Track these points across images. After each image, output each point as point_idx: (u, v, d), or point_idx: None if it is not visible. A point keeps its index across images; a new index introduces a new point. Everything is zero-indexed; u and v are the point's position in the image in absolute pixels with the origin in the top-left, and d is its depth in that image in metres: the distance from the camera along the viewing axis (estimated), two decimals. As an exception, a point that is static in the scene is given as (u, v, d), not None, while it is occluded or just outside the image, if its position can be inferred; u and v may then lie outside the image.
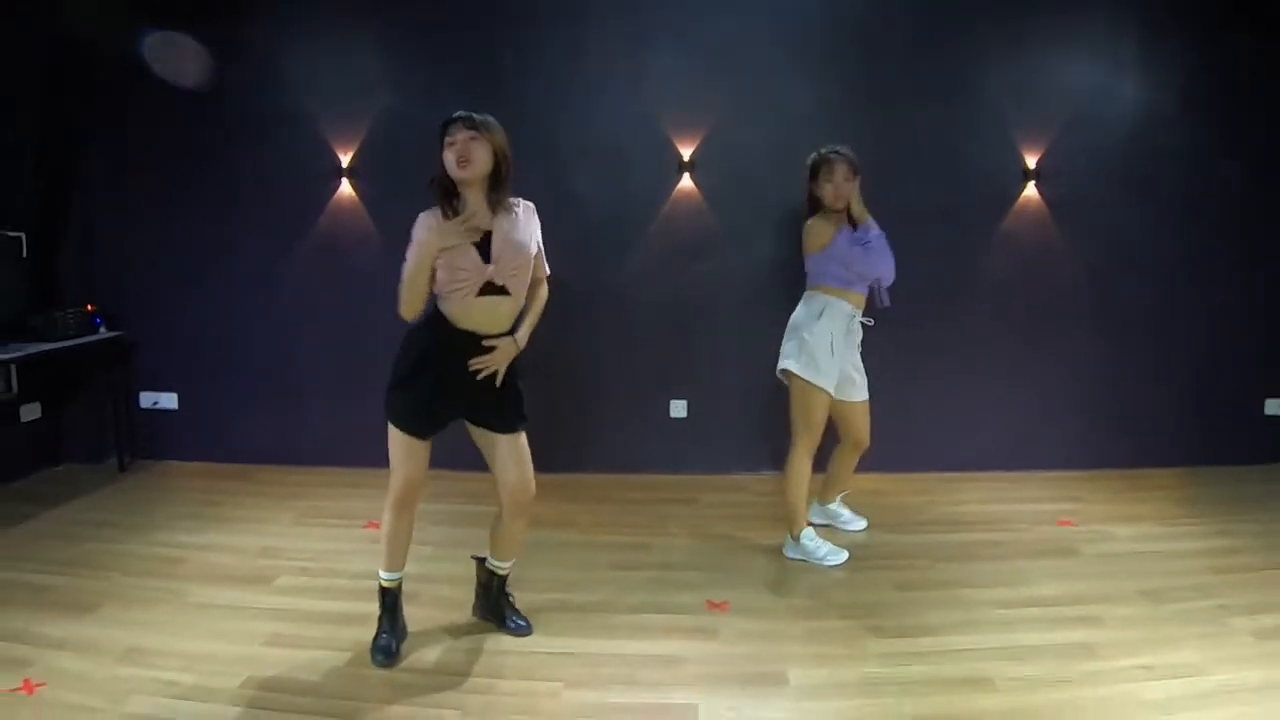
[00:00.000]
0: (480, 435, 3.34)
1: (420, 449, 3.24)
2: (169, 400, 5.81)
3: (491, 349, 3.20)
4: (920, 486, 5.25)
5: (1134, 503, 5.05)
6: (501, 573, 3.56)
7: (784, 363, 4.20)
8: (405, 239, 3.21)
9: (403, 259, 3.15)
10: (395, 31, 5.40)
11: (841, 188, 4.11)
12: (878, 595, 3.90)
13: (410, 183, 5.14)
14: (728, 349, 5.49)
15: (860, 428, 4.40)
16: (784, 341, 4.24)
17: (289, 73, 5.44)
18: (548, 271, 3.43)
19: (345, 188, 5.48)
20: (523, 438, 3.33)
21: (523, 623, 3.55)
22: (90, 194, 5.63)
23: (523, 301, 3.30)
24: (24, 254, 5.30)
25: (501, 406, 3.28)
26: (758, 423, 5.48)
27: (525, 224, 3.23)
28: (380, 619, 3.41)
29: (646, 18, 5.32)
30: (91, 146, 5.58)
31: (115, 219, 5.63)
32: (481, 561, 3.61)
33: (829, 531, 4.56)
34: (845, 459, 4.55)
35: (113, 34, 5.26)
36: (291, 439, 5.70)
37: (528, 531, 3.50)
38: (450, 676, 3.23)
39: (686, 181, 5.41)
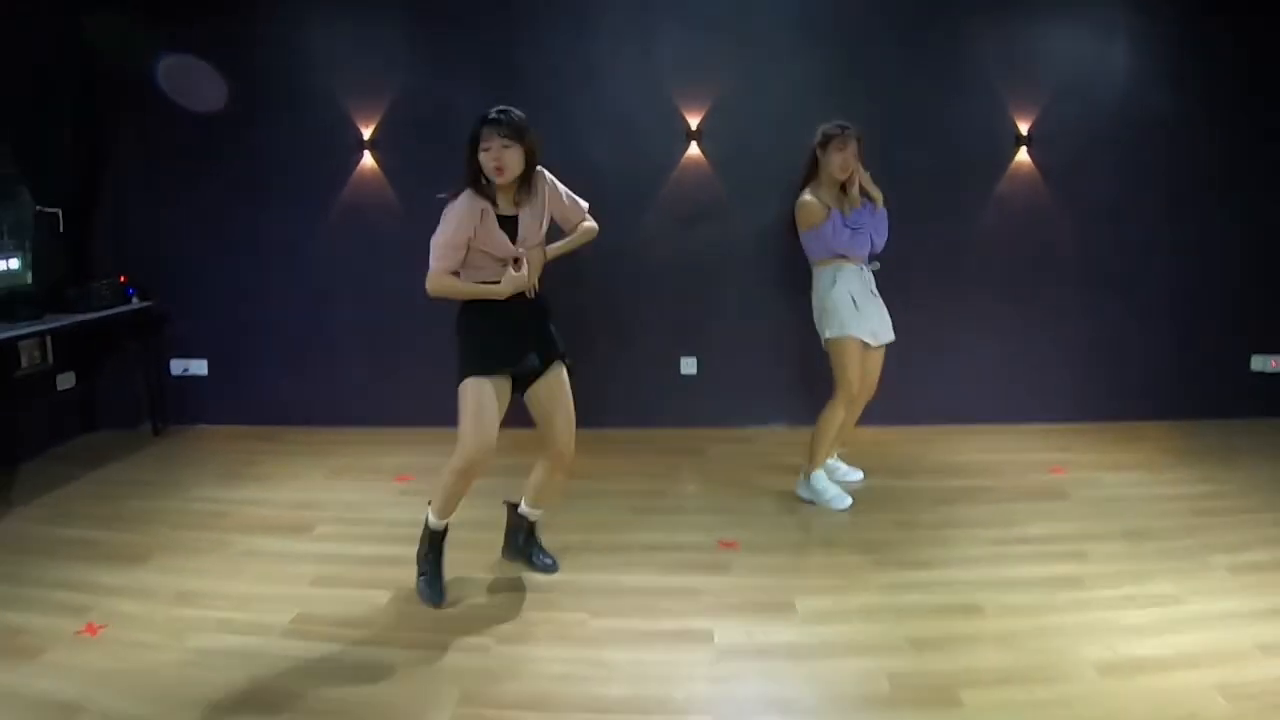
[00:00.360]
0: (532, 392, 3.49)
1: (492, 410, 3.30)
2: (199, 367, 5.98)
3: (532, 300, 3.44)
4: (920, 437, 5.47)
5: (1123, 453, 5.24)
6: (533, 518, 3.79)
7: (823, 337, 4.42)
8: (424, 207, 3.40)
9: (423, 228, 3.35)
10: (413, 8, 5.54)
11: (850, 161, 4.26)
12: (879, 534, 4.12)
13: (428, 154, 5.39)
14: (734, 309, 5.68)
15: (872, 376, 4.53)
16: (816, 323, 4.45)
17: (311, 49, 5.60)
18: (585, 208, 3.60)
19: (367, 159, 5.63)
20: (568, 383, 3.53)
21: (549, 560, 3.78)
22: (122, 171, 5.77)
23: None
24: (61, 229, 5.46)
25: (548, 341, 3.50)
26: (764, 378, 5.71)
27: (541, 200, 3.41)
28: (430, 561, 3.54)
29: (657, -9, 5.43)
30: (123, 126, 5.72)
31: (146, 194, 5.77)
32: (514, 507, 3.82)
33: (859, 486, 4.76)
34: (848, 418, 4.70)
35: (132, 45, 5.47)
36: (319, 401, 5.87)
37: (567, 482, 3.72)
38: (485, 608, 3.46)
39: (694, 149, 5.57)
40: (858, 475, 4.83)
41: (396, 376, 5.72)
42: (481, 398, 3.29)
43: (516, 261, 3.35)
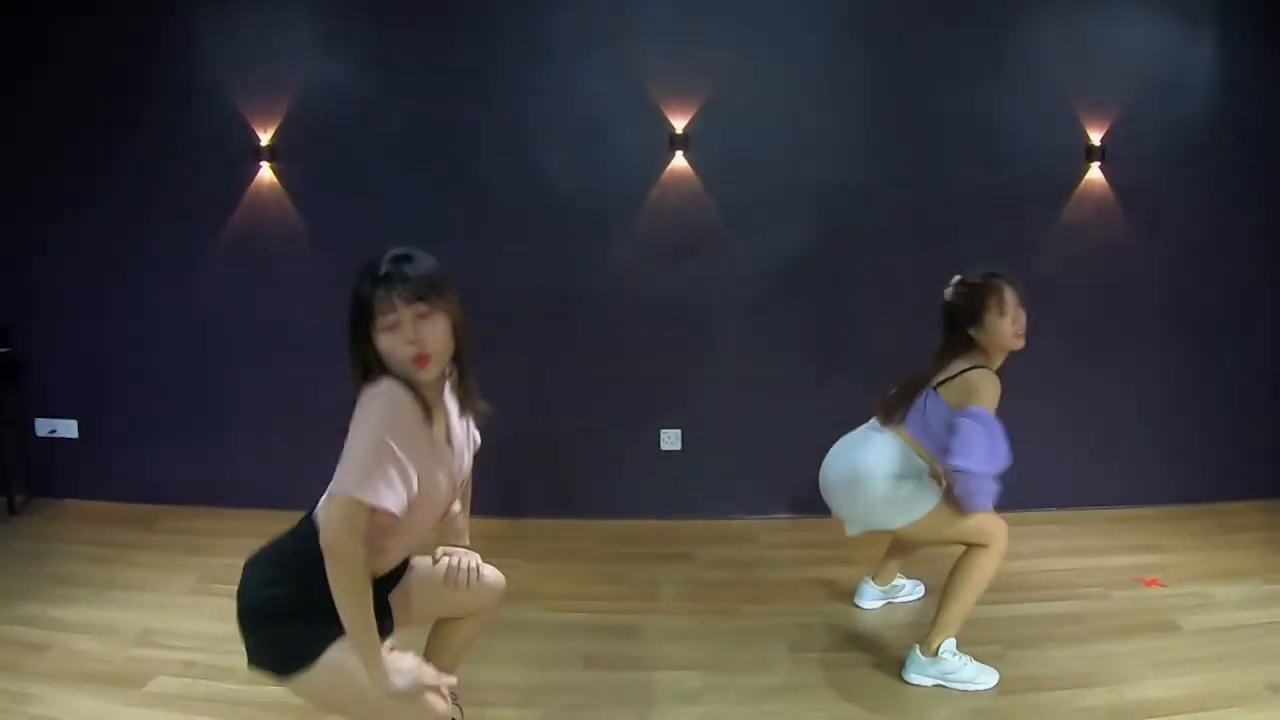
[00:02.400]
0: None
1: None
2: (68, 428, 5.20)
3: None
4: None
5: (1226, 549, 4.41)
6: None
7: (911, 520, 3.31)
8: (336, 231, 2.41)
9: (335, 261, 2.40)
10: None
11: (1019, 321, 3.29)
12: (946, 707, 3.04)
13: (342, 166, 4.69)
14: (730, 366, 4.95)
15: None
16: (884, 511, 3.33)
17: (197, 36, 4.88)
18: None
19: (265, 172, 4.86)
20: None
21: None
22: None
23: None
24: None
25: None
26: (765, 457, 4.91)
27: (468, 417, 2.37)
28: None
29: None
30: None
31: (3, 217, 5.08)
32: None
33: (887, 609, 3.83)
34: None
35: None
36: (208, 475, 5.11)
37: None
38: None
39: (679, 160, 4.79)
40: (920, 591, 3.92)
41: (298, 450, 4.71)
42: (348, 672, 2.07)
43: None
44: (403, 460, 1.97)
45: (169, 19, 4.82)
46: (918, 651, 3.19)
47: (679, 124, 4.73)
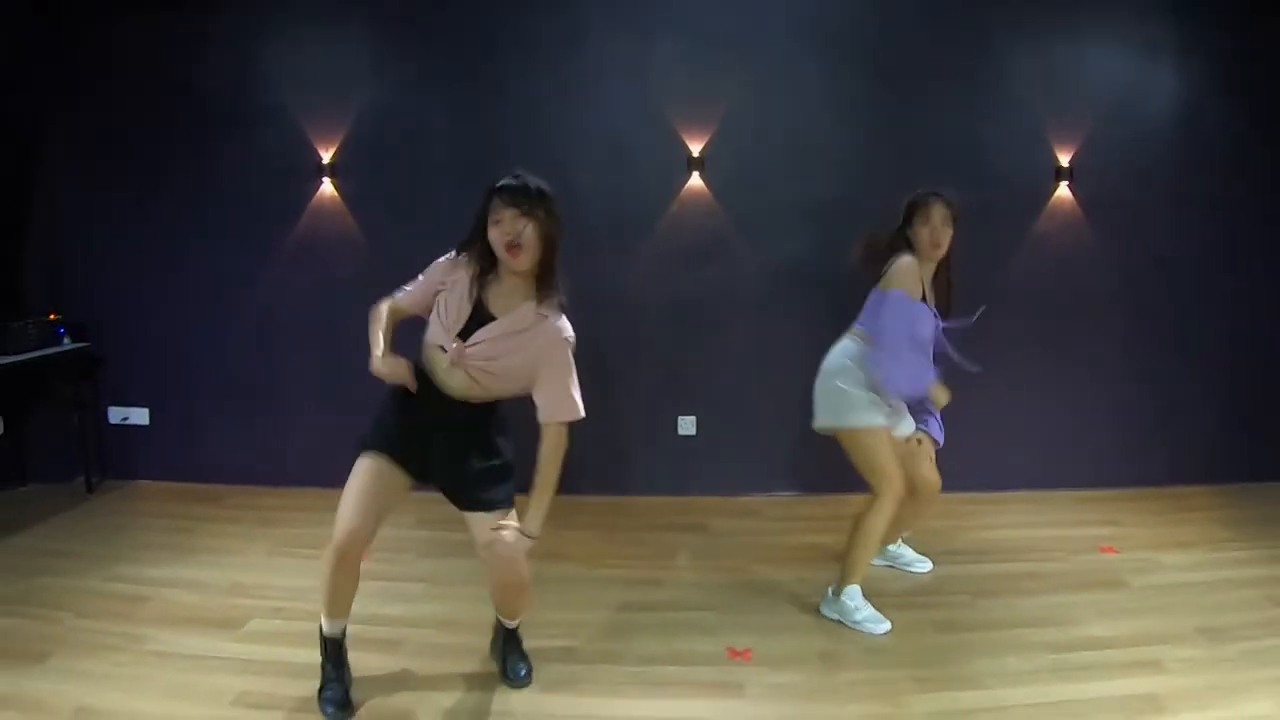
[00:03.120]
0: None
1: (374, 490, 2.88)
2: (139, 416, 5.45)
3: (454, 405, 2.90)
4: (945, 509, 4.74)
5: (1177, 525, 4.75)
6: (508, 625, 3.22)
7: (838, 426, 3.65)
8: (390, 241, 2.85)
9: (390, 265, 2.93)
10: (381, 18, 5.08)
11: (939, 232, 3.62)
12: (917, 639, 3.52)
13: (395, 181, 5.04)
14: (741, 360, 5.18)
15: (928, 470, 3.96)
16: (822, 407, 3.69)
17: (267, 64, 5.12)
18: (575, 415, 2.88)
19: (326, 187, 5.13)
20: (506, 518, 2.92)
21: (521, 671, 3.16)
22: (54, 195, 5.27)
23: (492, 395, 2.92)
24: None
25: (470, 478, 2.93)
26: (773, 440, 5.16)
27: (535, 345, 2.83)
28: (324, 668, 3.03)
29: (652, 1, 5.01)
30: (55, 144, 5.22)
31: (81, 222, 5.28)
32: None
33: (892, 574, 4.20)
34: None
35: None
36: (270, 458, 5.34)
37: (528, 597, 3.10)
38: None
39: (696, 180, 5.06)
40: (926, 565, 4.20)
41: (352, 434, 5.08)
42: (363, 478, 2.89)
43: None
44: (419, 283, 2.91)
45: (240, 45, 5.05)
46: (830, 591, 3.70)
47: (695, 147, 5.00)
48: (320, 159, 5.09)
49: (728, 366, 5.18)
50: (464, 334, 2.80)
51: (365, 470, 2.90)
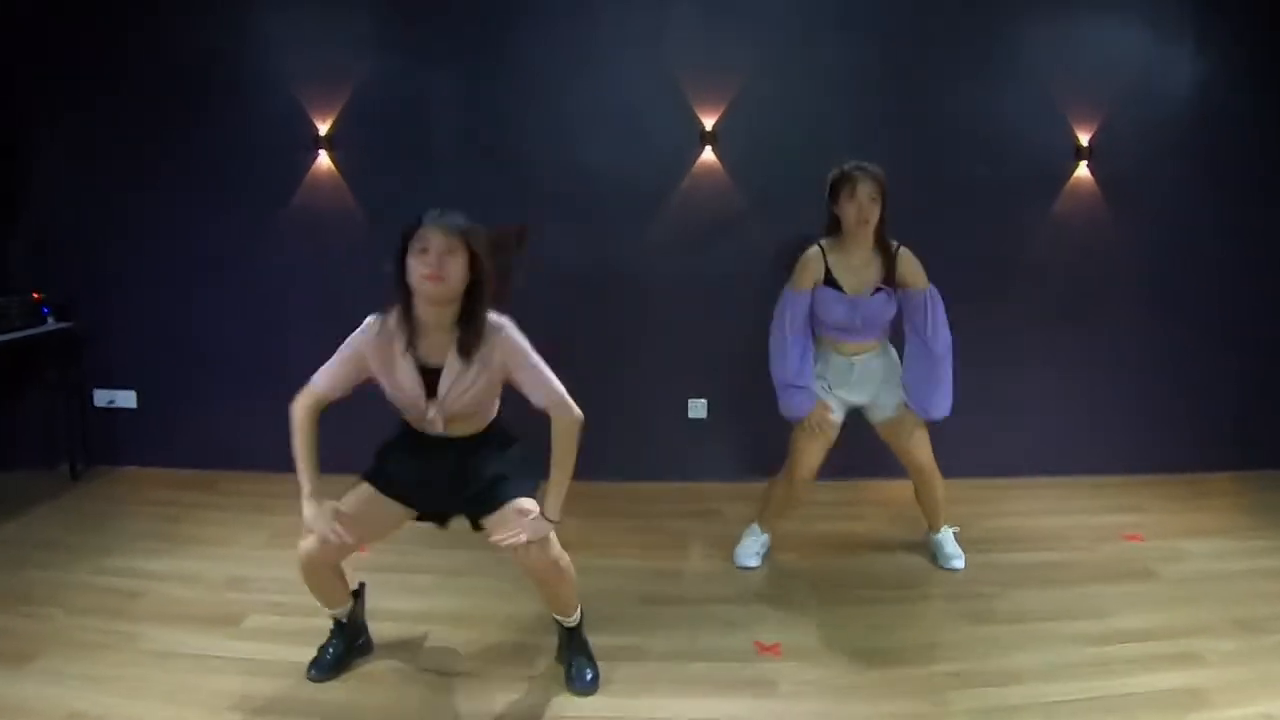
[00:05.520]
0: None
1: (364, 519, 2.85)
2: (126, 399, 5.28)
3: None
4: (963, 495, 4.68)
5: (1200, 511, 4.66)
6: (566, 624, 3.07)
7: None
8: (390, 216, 2.70)
9: (389, 242, 2.70)
10: None
11: (866, 208, 3.57)
12: (951, 631, 3.40)
13: (395, 155, 4.86)
14: (754, 340, 4.73)
15: (903, 451, 3.93)
16: None
17: (262, 30, 4.92)
18: (558, 397, 2.79)
19: (323, 160, 4.96)
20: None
21: (587, 676, 3.00)
22: (37, 168, 5.07)
23: (486, 422, 2.90)
24: None
25: (486, 498, 2.87)
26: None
27: (492, 361, 2.74)
28: (332, 632, 3.10)
29: (665, -31, 4.83)
30: (39, 114, 5.02)
31: (65, 196, 5.09)
32: None
33: (924, 564, 4.08)
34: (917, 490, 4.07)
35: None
36: (263, 441, 4.88)
37: (571, 587, 2.98)
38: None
39: (709, 154, 4.91)
40: (960, 563, 4.01)
41: (356, 415, 4.95)
42: (361, 504, 2.87)
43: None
44: (336, 365, 2.82)
45: (234, 10, 4.87)
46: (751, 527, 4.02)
47: (708, 121, 4.84)
48: (317, 131, 4.90)
49: (741, 346, 4.88)
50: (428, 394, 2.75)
51: (365, 498, 2.89)
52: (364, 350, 2.74)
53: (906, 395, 3.80)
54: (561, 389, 2.78)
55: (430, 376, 2.71)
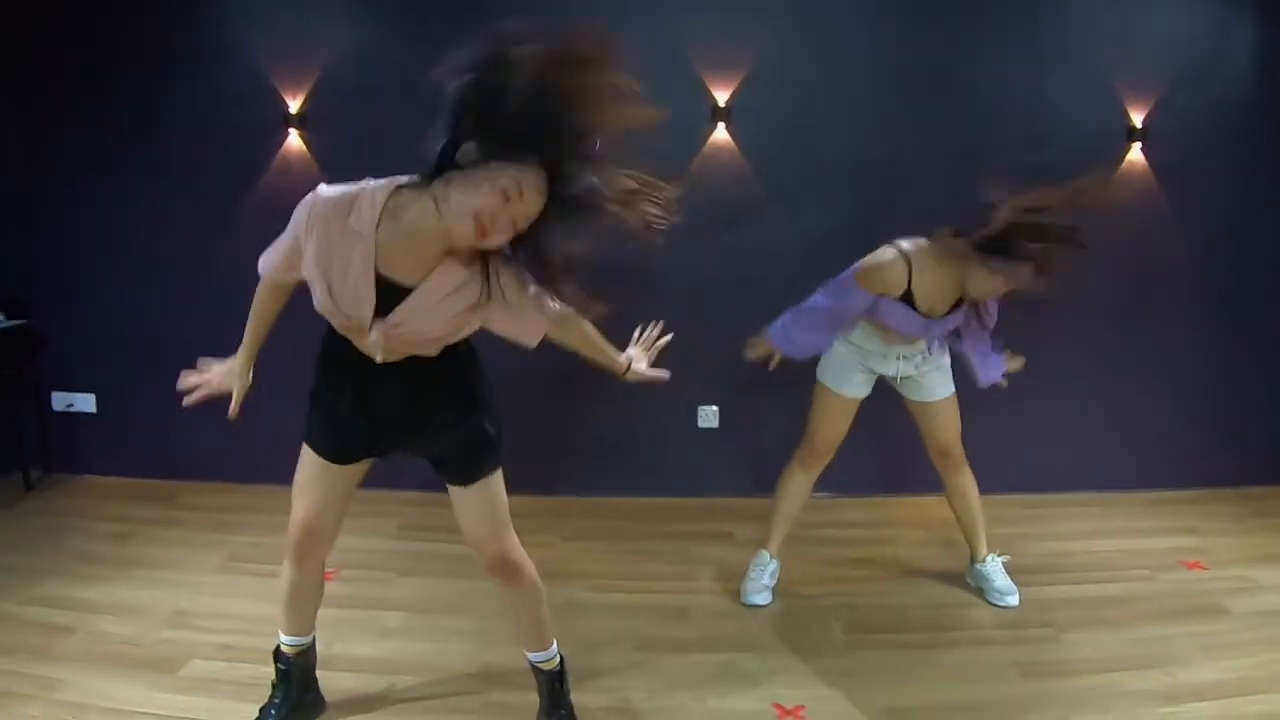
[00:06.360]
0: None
1: (327, 481, 2.42)
2: (85, 402, 5.00)
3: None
4: (1002, 514, 4.31)
5: (1263, 533, 4.29)
6: (544, 667, 2.63)
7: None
8: None
9: None
10: None
11: (1009, 289, 3.15)
12: (1000, 687, 2.98)
13: (374, 135, 4.33)
14: None
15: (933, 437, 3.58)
16: None
17: None
18: (555, 307, 2.25)
19: (294, 140, 4.64)
20: (489, 487, 2.41)
21: None
22: None
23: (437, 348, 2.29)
24: None
25: (459, 449, 2.37)
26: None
27: (476, 291, 2.13)
28: (275, 687, 2.66)
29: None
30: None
31: (15, 183, 4.82)
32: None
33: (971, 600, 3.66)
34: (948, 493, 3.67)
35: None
36: (231, 451, 4.80)
37: (537, 604, 2.56)
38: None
39: (721, 133, 4.60)
40: (1015, 599, 3.57)
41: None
42: (313, 468, 2.43)
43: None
44: (284, 241, 2.27)
45: None
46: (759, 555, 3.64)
47: (721, 96, 4.56)
48: (287, 108, 4.60)
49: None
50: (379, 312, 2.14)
51: (315, 462, 2.44)
52: (315, 226, 2.11)
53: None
54: (539, 319, 2.29)
55: (386, 298, 2.11)
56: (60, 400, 4.98)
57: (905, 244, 3.17)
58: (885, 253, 3.19)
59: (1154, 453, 4.89)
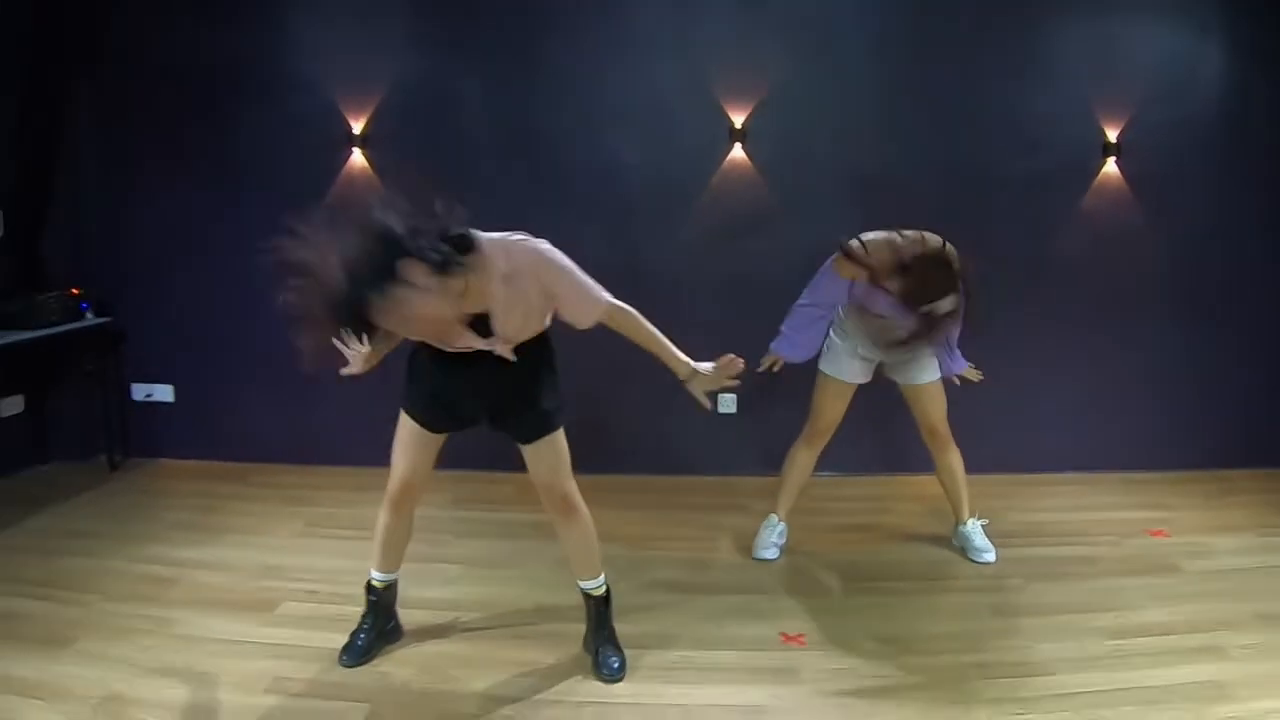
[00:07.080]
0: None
1: (424, 444, 2.95)
2: (164, 393, 5.35)
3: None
4: (991, 490, 4.70)
5: (1226, 509, 4.62)
6: (590, 591, 3.12)
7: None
8: None
9: None
10: None
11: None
12: (974, 622, 3.43)
13: (429, 153, 4.89)
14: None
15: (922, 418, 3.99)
16: None
17: (297, 30, 4.97)
18: (603, 302, 2.74)
19: (357, 158, 5.00)
20: (551, 443, 2.94)
21: (614, 664, 3.05)
22: (77, 165, 5.11)
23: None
24: (1, 231, 4.85)
25: (523, 410, 2.88)
26: None
27: (528, 287, 2.63)
28: (364, 616, 3.16)
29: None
30: (78, 112, 5.08)
31: (104, 193, 5.14)
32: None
33: (952, 557, 4.10)
34: (937, 469, 4.10)
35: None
36: (299, 435, 5.22)
37: (589, 539, 3.06)
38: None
39: (738, 151, 4.93)
40: (992, 556, 4.01)
41: (391, 410, 5.02)
42: (411, 432, 2.96)
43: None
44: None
45: (271, 11, 4.93)
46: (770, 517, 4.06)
47: (738, 118, 4.85)
48: (351, 129, 4.95)
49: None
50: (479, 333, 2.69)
51: (411, 425, 2.95)
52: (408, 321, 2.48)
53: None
54: (594, 303, 2.71)
55: (479, 330, 2.65)
56: (140, 391, 5.33)
57: (870, 235, 3.59)
58: (852, 244, 3.63)
59: (1133, 437, 5.15)
